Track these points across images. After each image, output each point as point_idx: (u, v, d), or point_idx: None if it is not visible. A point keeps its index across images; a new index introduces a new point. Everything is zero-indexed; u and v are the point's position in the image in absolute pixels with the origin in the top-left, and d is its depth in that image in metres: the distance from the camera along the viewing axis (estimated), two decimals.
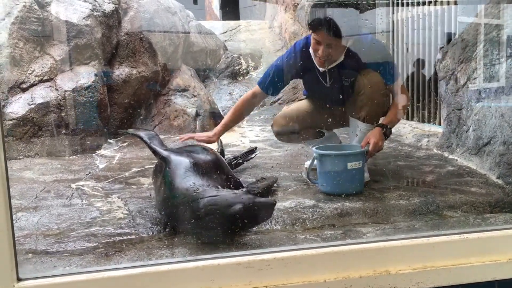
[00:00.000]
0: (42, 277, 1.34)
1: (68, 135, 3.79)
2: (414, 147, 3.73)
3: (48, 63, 3.97)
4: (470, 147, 2.98)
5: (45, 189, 2.71)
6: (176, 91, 4.96)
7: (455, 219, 2.13)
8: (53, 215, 2.24)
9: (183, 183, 1.92)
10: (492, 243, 1.54)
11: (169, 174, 2.00)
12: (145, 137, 2.30)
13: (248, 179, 2.78)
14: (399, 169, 3.00)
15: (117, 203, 2.44)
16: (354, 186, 2.39)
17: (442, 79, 3.46)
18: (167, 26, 5.10)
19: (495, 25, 2.96)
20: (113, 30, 4.46)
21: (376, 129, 2.57)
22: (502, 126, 2.63)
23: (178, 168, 2.01)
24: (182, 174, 1.97)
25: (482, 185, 2.54)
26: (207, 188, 1.87)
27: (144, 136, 2.31)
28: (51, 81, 3.92)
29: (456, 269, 1.48)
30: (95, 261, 1.71)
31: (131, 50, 4.58)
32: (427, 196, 2.36)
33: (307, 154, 3.29)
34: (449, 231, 1.60)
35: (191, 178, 1.95)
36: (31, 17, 3.92)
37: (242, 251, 1.58)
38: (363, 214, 2.17)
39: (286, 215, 2.14)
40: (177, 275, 1.38)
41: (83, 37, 4.11)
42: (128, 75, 4.48)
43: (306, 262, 1.44)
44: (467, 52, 3.19)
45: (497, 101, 2.74)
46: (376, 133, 2.54)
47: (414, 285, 1.45)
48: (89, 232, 2.02)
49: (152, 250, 1.80)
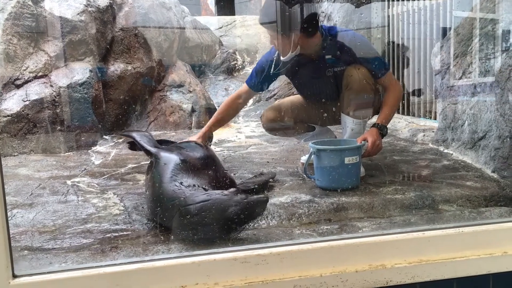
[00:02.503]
0: (37, 274, 1.34)
1: (63, 132, 3.77)
2: (409, 142, 3.74)
3: (43, 59, 3.94)
4: (465, 141, 2.99)
5: (40, 186, 2.70)
6: (171, 87, 4.94)
7: (451, 213, 2.14)
8: (49, 212, 2.23)
9: (171, 183, 1.88)
10: (487, 237, 1.54)
11: (158, 173, 1.99)
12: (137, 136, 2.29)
13: (244, 174, 2.78)
14: (394, 163, 3.00)
15: (113, 199, 2.43)
16: (350, 181, 2.39)
17: (438, 73, 3.46)
18: (162, 21, 5.08)
19: (490, 19, 2.96)
20: (107, 25, 4.44)
21: (372, 130, 2.58)
22: (497, 120, 2.63)
23: (167, 167, 1.99)
24: (171, 173, 1.94)
25: (477, 179, 2.54)
26: (195, 192, 1.82)
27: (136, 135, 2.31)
28: (46, 78, 3.90)
29: (451, 263, 1.48)
30: (91, 257, 1.71)
31: (126, 46, 4.56)
32: (423, 190, 2.36)
33: (303, 149, 3.30)
34: (444, 225, 1.60)
35: (179, 177, 1.92)
36: (24, 13, 3.89)
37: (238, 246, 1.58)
38: (359, 209, 2.17)
39: (282, 210, 2.14)
40: (173, 270, 1.38)
41: (77, 33, 4.10)
42: (123, 71, 4.46)
43: (302, 257, 1.45)
44: (462, 47, 3.20)
45: (492, 95, 2.75)
46: (373, 133, 2.55)
47: (409, 279, 1.46)
48: (85, 228, 2.02)
49: (148, 246, 1.79)
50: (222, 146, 3.83)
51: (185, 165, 2.00)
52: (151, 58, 4.74)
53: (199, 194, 1.81)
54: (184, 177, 1.91)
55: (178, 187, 1.85)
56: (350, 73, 2.63)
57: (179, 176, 1.92)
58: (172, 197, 1.84)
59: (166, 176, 1.93)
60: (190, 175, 1.94)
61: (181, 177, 1.91)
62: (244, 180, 2.55)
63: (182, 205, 1.78)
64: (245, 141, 4.03)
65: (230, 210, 1.72)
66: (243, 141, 4.01)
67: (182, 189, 1.84)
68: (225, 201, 1.75)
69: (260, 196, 1.85)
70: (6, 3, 3.86)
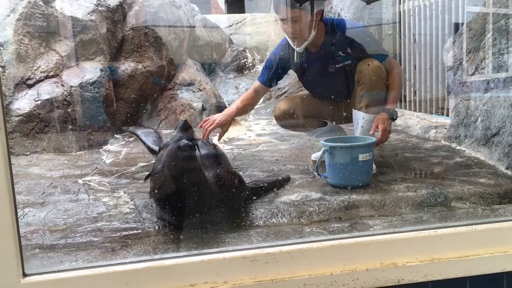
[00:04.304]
0: (47, 273, 1.35)
1: (74, 131, 3.79)
2: (421, 139, 3.70)
3: (54, 59, 3.97)
4: (478, 137, 2.94)
5: (52, 185, 2.72)
6: (181, 85, 4.95)
7: (464, 210, 2.11)
8: (60, 211, 2.24)
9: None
10: (501, 234, 1.52)
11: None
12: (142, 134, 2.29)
13: (254, 172, 2.77)
14: (406, 160, 2.97)
15: (123, 198, 2.44)
16: (361, 178, 2.37)
17: (450, 69, 3.42)
18: (172, 20, 5.09)
19: (503, 14, 2.92)
20: (118, 25, 4.45)
21: (383, 115, 2.57)
22: (510, 116, 2.59)
23: None
24: None
25: (490, 176, 2.50)
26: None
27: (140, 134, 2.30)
28: (57, 77, 3.93)
29: (464, 261, 1.46)
30: (101, 256, 1.71)
31: (136, 45, 4.57)
32: (435, 187, 2.33)
33: (313, 146, 3.28)
34: (457, 223, 1.58)
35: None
36: (35, 13, 3.92)
37: (248, 244, 1.57)
38: (370, 207, 2.15)
39: (292, 208, 2.13)
40: (182, 269, 1.38)
41: (88, 33, 4.11)
42: (133, 70, 4.47)
43: (312, 255, 1.43)
44: (475, 42, 3.15)
45: (505, 91, 2.70)
46: (384, 120, 2.55)
47: (421, 277, 1.44)
48: (96, 227, 2.03)
49: (158, 245, 1.79)
50: (232, 144, 3.83)
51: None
52: (161, 57, 4.75)
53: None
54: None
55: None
56: (361, 68, 2.62)
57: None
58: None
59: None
60: None
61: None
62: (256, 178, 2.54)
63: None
64: (255, 139, 4.02)
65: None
66: (253, 139, 4.00)
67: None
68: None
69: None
70: (18, 4, 3.88)
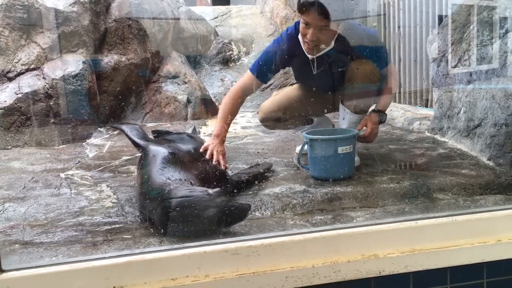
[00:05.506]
0: (26, 268, 1.32)
1: (57, 124, 3.74)
2: (405, 130, 3.72)
3: (35, 51, 3.90)
4: (461, 129, 2.97)
5: (33, 179, 2.68)
6: (166, 78, 4.90)
7: (445, 201, 2.13)
8: (41, 205, 2.21)
9: (157, 176, 1.85)
10: (481, 225, 1.53)
11: (145, 166, 1.97)
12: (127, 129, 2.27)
13: (239, 165, 2.77)
14: (390, 152, 2.98)
15: (106, 192, 2.42)
16: (343, 170, 2.38)
17: (433, 61, 3.43)
18: (156, 12, 5.03)
19: (485, 5, 2.93)
20: (100, 16, 4.39)
21: (373, 116, 2.58)
22: (493, 107, 2.61)
23: (154, 160, 1.96)
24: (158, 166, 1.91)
25: (473, 167, 2.53)
26: (180, 186, 1.79)
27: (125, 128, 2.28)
28: (38, 70, 3.86)
29: (444, 252, 1.47)
30: (83, 251, 1.69)
31: (119, 37, 4.52)
32: (418, 179, 2.35)
33: (299, 139, 3.27)
34: (438, 214, 1.59)
35: (166, 170, 1.89)
36: (16, 5, 3.85)
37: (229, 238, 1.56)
38: (353, 199, 2.16)
39: (276, 201, 2.13)
40: (163, 263, 1.36)
41: (70, 24, 4.05)
42: (117, 62, 4.42)
43: (294, 247, 1.43)
44: (458, 33, 3.16)
45: (487, 82, 2.72)
46: (373, 120, 2.56)
47: (402, 268, 1.45)
48: (77, 221, 2.00)
49: (140, 239, 1.78)
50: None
51: (174, 158, 1.97)
52: (146, 49, 4.70)
53: (182, 189, 1.76)
54: (171, 170, 1.89)
55: (164, 181, 1.82)
56: (356, 68, 2.57)
57: (166, 169, 1.89)
58: (157, 190, 1.81)
59: (153, 169, 1.90)
60: (178, 168, 1.91)
61: (168, 170, 1.88)
62: (238, 171, 2.53)
63: (164, 198, 1.74)
64: (241, 132, 4.01)
65: (208, 211, 1.67)
66: (239, 132, 3.98)
67: (168, 183, 1.81)
68: (205, 201, 1.70)
69: (243, 203, 1.80)
70: None
